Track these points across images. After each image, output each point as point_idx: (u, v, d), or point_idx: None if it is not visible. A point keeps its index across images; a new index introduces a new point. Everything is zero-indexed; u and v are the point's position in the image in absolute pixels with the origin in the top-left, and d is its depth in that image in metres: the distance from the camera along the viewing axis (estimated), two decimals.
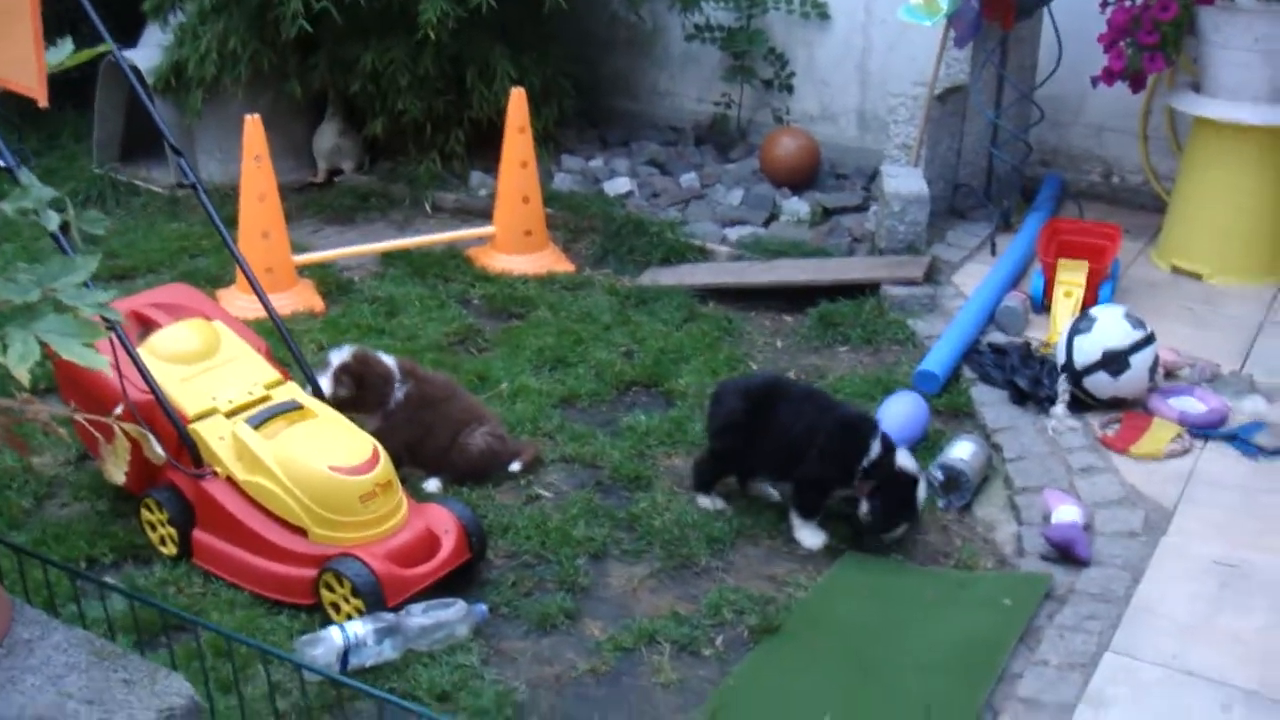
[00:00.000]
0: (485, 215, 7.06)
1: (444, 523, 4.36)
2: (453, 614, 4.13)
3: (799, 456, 4.63)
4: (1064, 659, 4.08)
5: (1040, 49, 7.25)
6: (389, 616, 4.05)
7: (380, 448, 4.38)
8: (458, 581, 4.32)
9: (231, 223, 6.17)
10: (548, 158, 7.81)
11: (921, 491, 4.62)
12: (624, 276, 6.69)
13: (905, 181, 6.67)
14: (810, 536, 4.66)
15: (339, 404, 4.70)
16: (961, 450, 4.97)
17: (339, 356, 4.87)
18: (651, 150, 8.12)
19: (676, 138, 8.42)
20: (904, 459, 4.63)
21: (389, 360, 4.97)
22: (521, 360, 5.76)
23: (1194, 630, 4.24)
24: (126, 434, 3.18)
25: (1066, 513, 4.67)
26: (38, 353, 2.87)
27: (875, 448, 4.57)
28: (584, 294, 6.46)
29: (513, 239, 6.76)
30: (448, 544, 4.31)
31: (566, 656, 4.10)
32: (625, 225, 7.00)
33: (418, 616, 4.09)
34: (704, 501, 4.80)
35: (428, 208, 7.56)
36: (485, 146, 7.49)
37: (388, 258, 6.79)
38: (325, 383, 4.79)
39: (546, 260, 6.77)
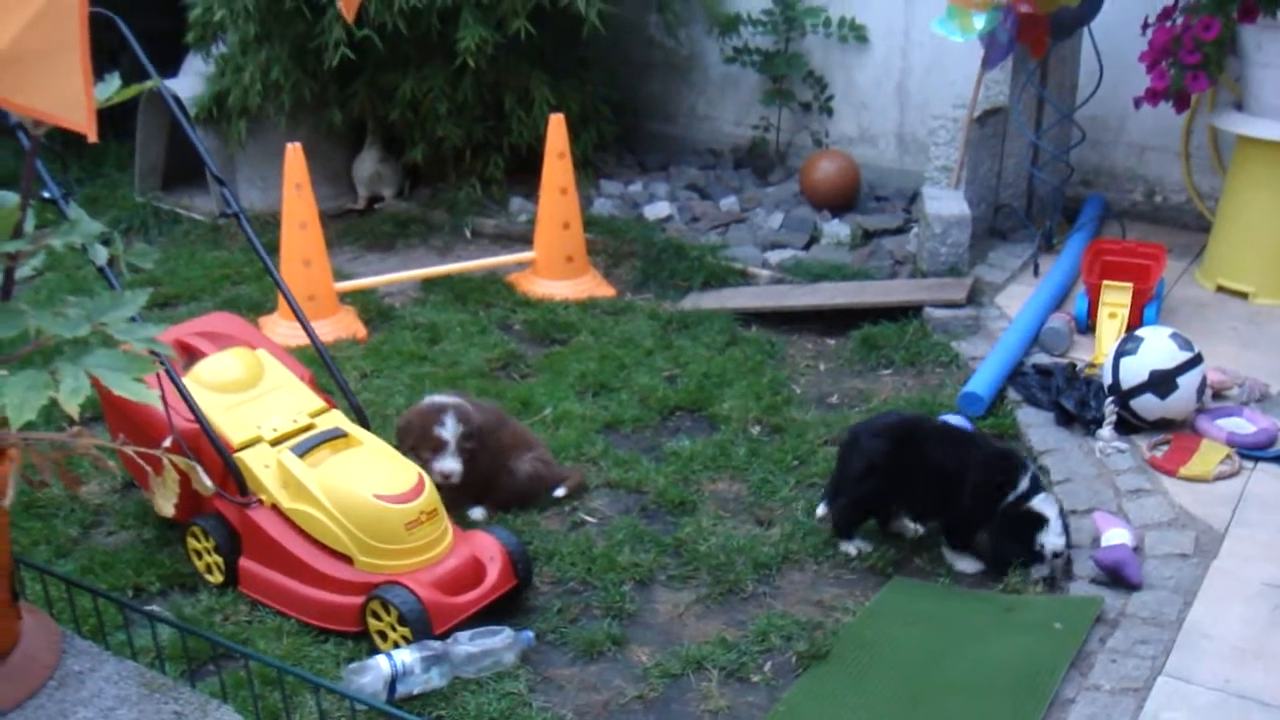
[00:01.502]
0: (525, 241, 7.08)
1: (490, 550, 4.36)
2: (499, 641, 4.12)
3: (948, 494, 4.64)
4: (1116, 684, 4.04)
5: (1080, 69, 7.23)
6: (436, 644, 4.04)
7: (425, 475, 4.38)
8: (504, 609, 4.32)
9: (273, 250, 6.23)
10: (587, 183, 7.82)
11: (1051, 536, 4.57)
12: (665, 301, 6.69)
13: (946, 203, 6.65)
14: (969, 564, 4.68)
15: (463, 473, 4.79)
16: None
17: (450, 430, 4.76)
18: (691, 174, 8.13)
19: (715, 161, 8.42)
20: (1042, 501, 4.61)
21: (470, 407, 4.89)
22: (564, 386, 5.76)
23: (1247, 653, 4.19)
24: (175, 466, 3.19)
25: (1116, 535, 4.63)
26: (88, 388, 2.88)
27: (1023, 483, 4.61)
28: (625, 319, 6.45)
29: (553, 264, 6.77)
30: (493, 571, 4.31)
31: (614, 683, 4.08)
32: (665, 249, 7.00)
33: (464, 644, 4.08)
34: (848, 547, 4.74)
35: (468, 233, 7.58)
36: (524, 172, 7.51)
37: (428, 284, 6.81)
38: (449, 463, 4.76)
39: (587, 285, 6.78)
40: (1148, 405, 5.34)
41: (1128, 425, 5.38)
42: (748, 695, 4.03)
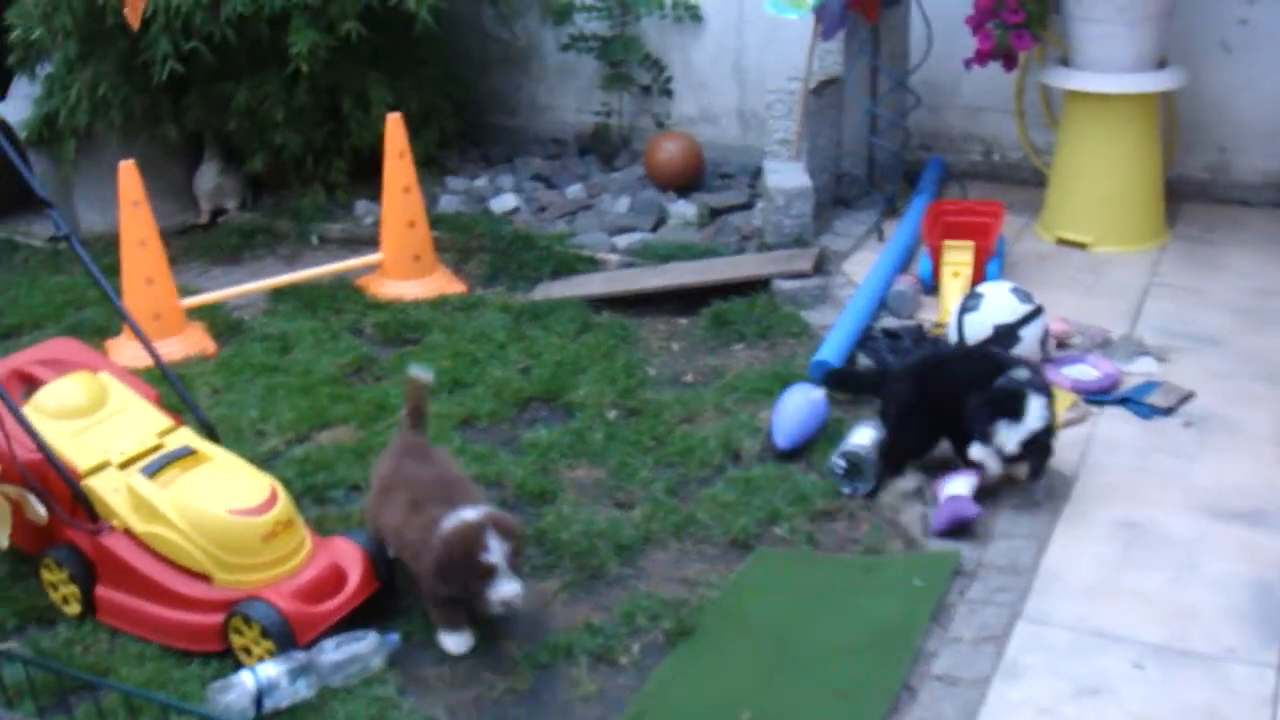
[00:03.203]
0: (373, 243, 7.01)
1: (350, 555, 4.32)
2: (365, 646, 4.08)
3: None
4: (977, 633, 4.12)
5: (911, 35, 7.33)
6: (301, 655, 4.00)
7: (279, 486, 4.34)
8: (369, 613, 4.27)
9: (115, 271, 6.10)
10: (432, 180, 7.78)
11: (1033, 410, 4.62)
12: (516, 293, 6.67)
13: (787, 176, 6.72)
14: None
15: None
16: (862, 437, 4.98)
17: (497, 550, 4.02)
18: (535, 165, 8.12)
19: (560, 150, 8.43)
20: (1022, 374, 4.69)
21: (500, 514, 4.19)
22: None
23: (1102, 592, 4.30)
24: (6, 496, 3.13)
25: (954, 486, 4.71)
26: None
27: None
28: (477, 314, 6.43)
29: (401, 265, 6.72)
30: (355, 576, 4.27)
31: (484, 677, 4.07)
32: (514, 242, 6.99)
33: (330, 652, 4.04)
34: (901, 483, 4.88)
35: (314, 240, 7.50)
36: (368, 175, 7.44)
37: (277, 294, 6.72)
38: (509, 587, 4.03)
39: (437, 283, 6.74)
40: None
41: None
42: (617, 678, 4.05)
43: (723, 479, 5.00)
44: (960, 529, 4.58)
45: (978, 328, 5.44)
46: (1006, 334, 5.42)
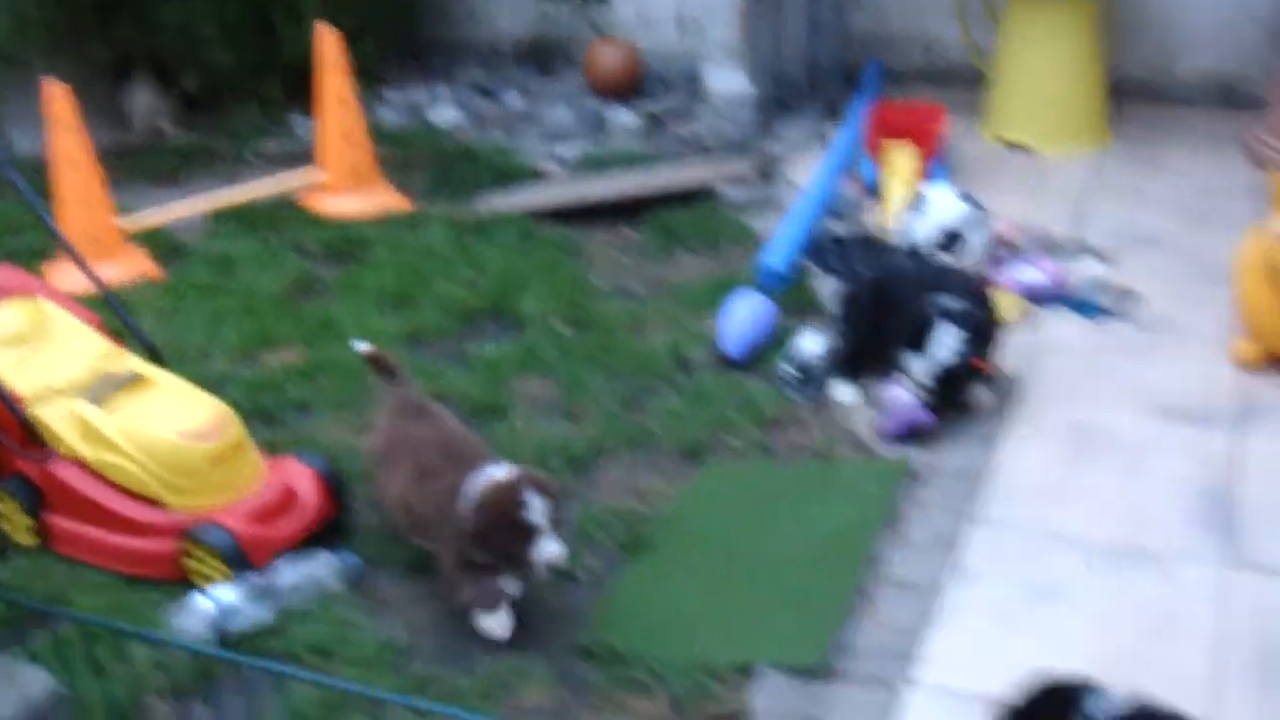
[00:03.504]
0: (313, 160, 6.92)
1: (303, 477, 4.30)
2: (322, 567, 4.08)
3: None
4: (929, 537, 4.17)
5: None
6: (257, 578, 3.99)
7: (227, 408, 4.30)
8: (326, 535, 4.26)
9: (50, 194, 6.01)
10: (369, 94, 7.65)
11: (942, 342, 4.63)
12: (459, 207, 6.62)
13: (728, 81, 6.68)
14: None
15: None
16: (811, 343, 5.00)
17: (539, 510, 3.70)
18: (474, 76, 8.05)
19: (498, 61, 8.33)
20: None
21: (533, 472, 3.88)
22: (364, 303, 5.69)
23: (1052, 494, 4.35)
24: None
25: (895, 397, 4.74)
26: None
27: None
28: (421, 229, 6.38)
29: (342, 180, 6.64)
30: (310, 498, 4.26)
31: (443, 595, 4.07)
32: (455, 155, 6.94)
33: (287, 575, 4.02)
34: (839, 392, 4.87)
35: (252, 159, 7.39)
36: (305, 91, 7.30)
37: (219, 214, 6.63)
38: (553, 546, 3.71)
39: (379, 199, 6.67)
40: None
41: None
42: (575, 591, 4.06)
43: (673, 389, 5.01)
44: (912, 435, 4.61)
45: (924, 231, 5.45)
46: (953, 237, 5.42)
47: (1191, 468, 4.45)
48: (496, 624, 3.83)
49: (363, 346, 4.38)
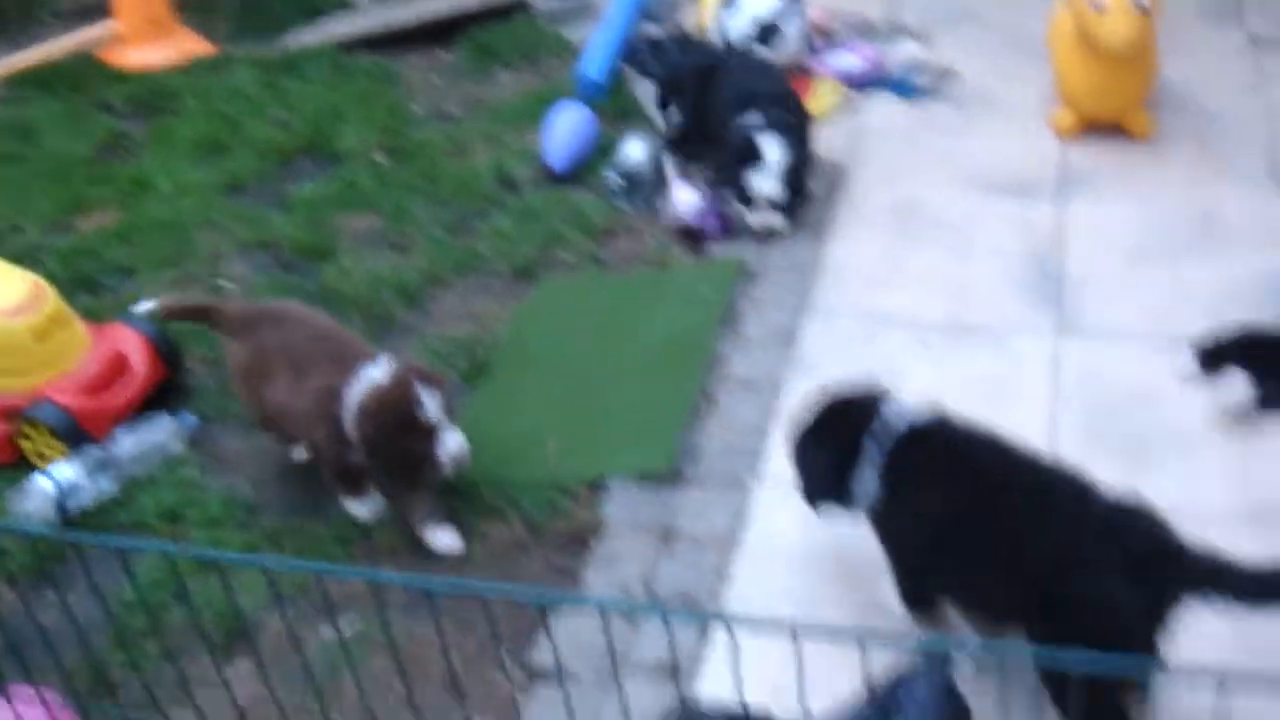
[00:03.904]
0: (108, 12, 6.59)
1: (132, 343, 4.19)
2: (161, 432, 4.02)
3: None
4: (767, 333, 4.20)
5: None
6: (96, 451, 3.92)
7: (42, 281, 4.15)
8: (162, 398, 4.18)
9: None
10: None
11: (761, 178, 4.56)
12: (267, 46, 6.38)
13: None
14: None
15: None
16: (635, 149, 4.96)
17: (434, 406, 3.50)
18: None
19: None
20: (769, 139, 4.59)
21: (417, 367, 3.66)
22: (177, 156, 5.49)
23: (884, 278, 4.40)
24: None
25: (686, 198, 4.74)
26: None
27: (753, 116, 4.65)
28: (228, 73, 6.13)
29: (140, 31, 6.35)
30: (140, 364, 4.16)
31: (286, 446, 4.03)
32: None
33: (126, 444, 3.96)
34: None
35: (46, 18, 7.01)
36: None
37: (13, 79, 6.29)
38: (456, 440, 3.52)
39: (181, 46, 6.39)
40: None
41: None
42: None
43: (501, 210, 4.95)
44: (692, 237, 4.65)
45: (739, 26, 5.38)
46: (768, 30, 5.36)
47: (1017, 240, 4.52)
48: (366, 509, 3.72)
49: (147, 306, 4.02)
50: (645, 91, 5.49)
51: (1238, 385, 3.71)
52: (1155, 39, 4.89)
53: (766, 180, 4.53)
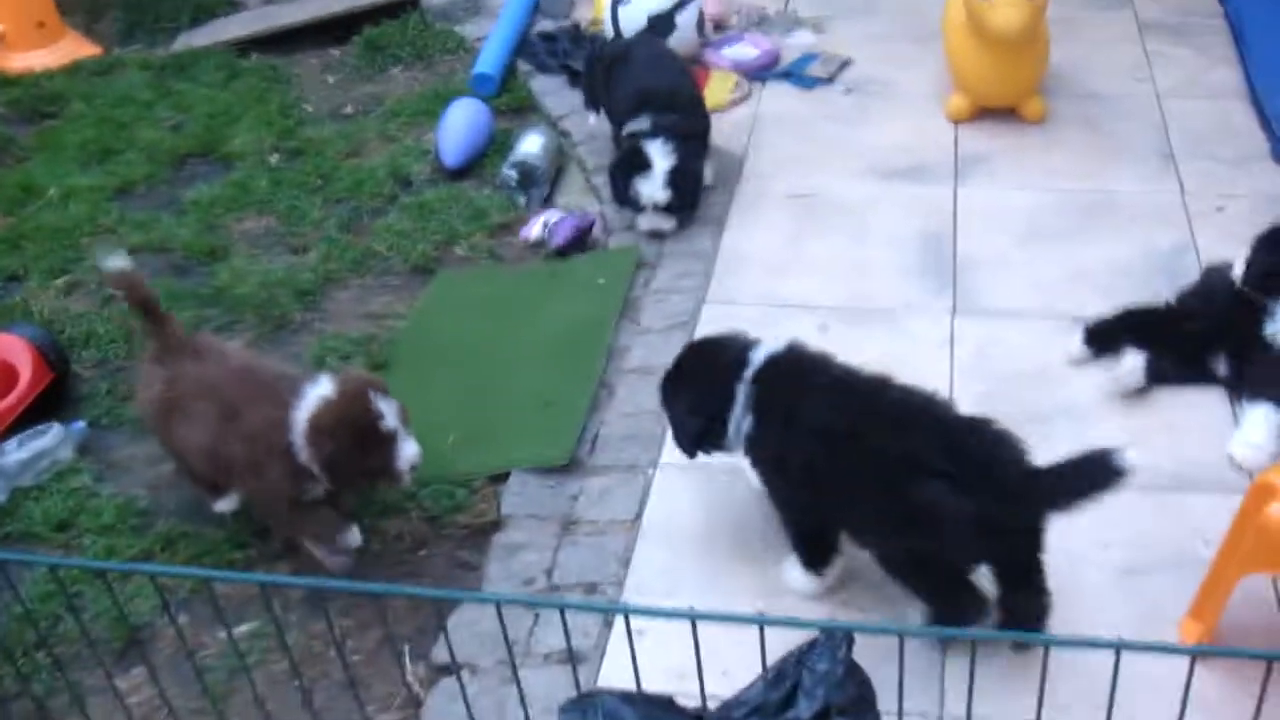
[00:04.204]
0: None
1: (16, 350, 4.09)
2: (50, 440, 3.92)
3: None
4: (666, 322, 4.18)
5: None
6: None
7: None
8: (50, 405, 4.08)
9: None
10: None
11: (649, 185, 4.52)
12: (156, 48, 6.29)
13: None
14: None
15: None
16: (531, 144, 4.93)
17: (392, 413, 3.32)
18: None
19: None
20: (658, 148, 4.53)
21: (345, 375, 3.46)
22: (65, 160, 5.38)
23: (782, 265, 4.40)
24: None
25: (538, 228, 4.70)
26: None
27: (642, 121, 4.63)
28: (117, 76, 6.04)
29: (25, 34, 6.23)
30: (25, 371, 4.06)
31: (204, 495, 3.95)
32: None
33: (13, 453, 3.86)
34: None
35: None
36: None
37: None
38: (412, 446, 3.34)
39: (68, 49, 6.28)
40: None
41: None
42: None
43: (396, 207, 4.90)
44: (580, 240, 4.62)
45: (632, 20, 5.36)
46: (661, 22, 5.35)
47: (912, 222, 4.55)
48: (352, 538, 3.50)
49: (118, 261, 3.60)
50: (540, 86, 5.47)
51: (1128, 361, 3.74)
52: (1046, 25, 4.93)
53: (653, 187, 4.50)
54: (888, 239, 4.48)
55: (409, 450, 3.31)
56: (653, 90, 4.68)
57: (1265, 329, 3.67)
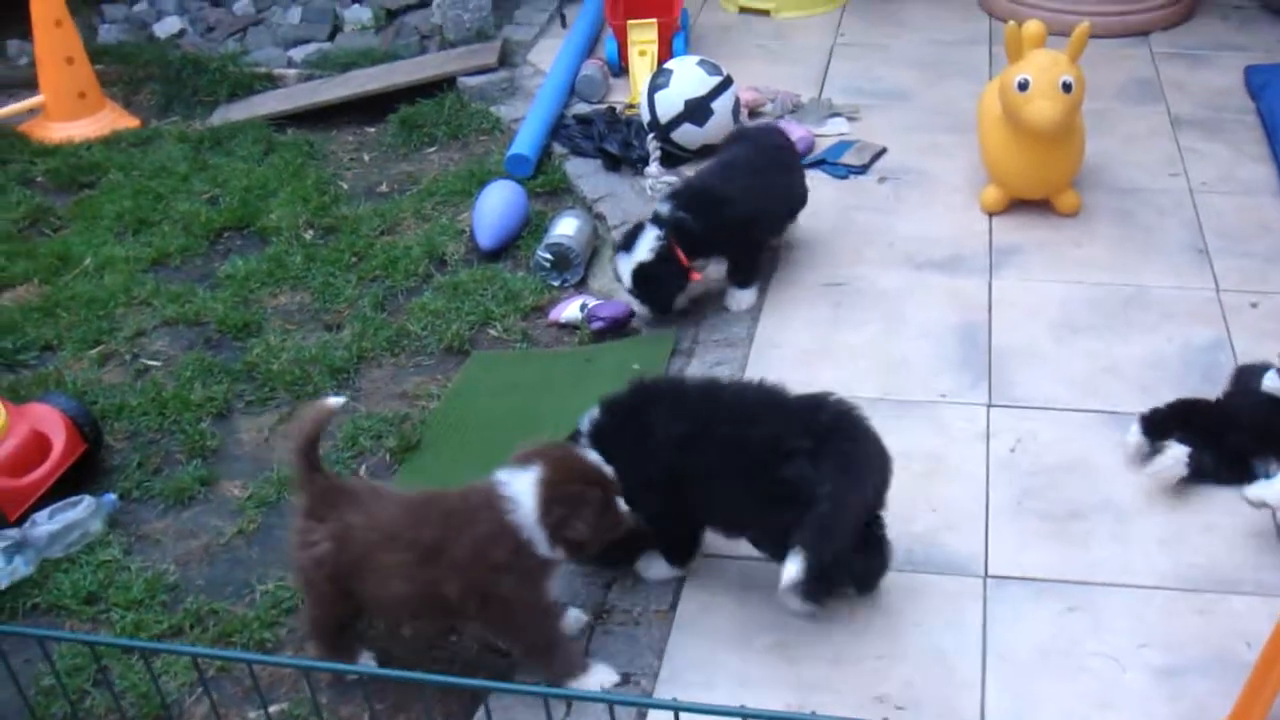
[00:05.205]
0: (32, 86, 6.55)
1: (50, 420, 4.09)
2: (81, 511, 3.91)
3: None
4: None
5: None
6: (12, 532, 3.81)
7: None
8: (81, 476, 4.08)
9: None
10: (88, 10, 7.28)
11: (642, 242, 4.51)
12: (193, 121, 6.36)
13: None
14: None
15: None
16: (565, 227, 4.94)
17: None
18: None
19: None
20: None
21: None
22: (101, 230, 5.42)
23: (817, 353, 4.39)
24: None
25: (571, 310, 4.71)
26: None
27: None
28: (155, 148, 6.09)
29: (65, 104, 6.30)
30: (59, 442, 4.05)
31: (212, 524, 3.94)
32: (184, 67, 6.63)
33: (44, 524, 3.85)
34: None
35: None
36: (15, 12, 6.91)
37: None
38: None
39: (107, 120, 6.35)
40: (688, 135, 5.43)
41: (673, 158, 5.47)
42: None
43: (430, 287, 4.91)
44: (616, 327, 4.62)
45: (669, 104, 5.40)
46: (698, 108, 5.39)
47: (948, 314, 4.54)
48: (576, 620, 3.41)
49: (336, 400, 3.33)
50: (575, 169, 5.50)
51: (1171, 453, 3.71)
52: (1081, 119, 4.96)
53: (623, 270, 4.51)
54: (922, 330, 4.47)
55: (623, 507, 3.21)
56: (692, 183, 4.71)
57: None
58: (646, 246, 4.47)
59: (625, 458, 3.27)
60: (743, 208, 4.54)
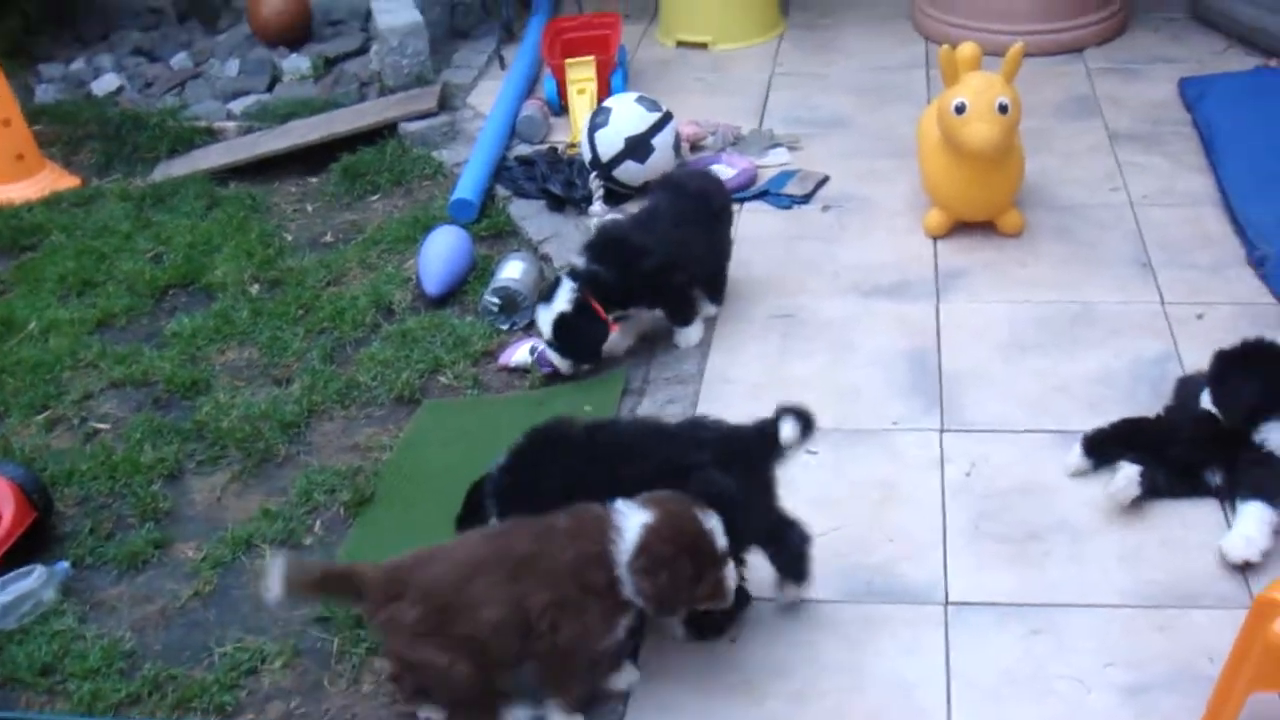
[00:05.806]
0: None
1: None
2: (33, 581, 3.85)
3: None
4: None
5: None
6: None
7: None
8: (31, 545, 4.02)
9: None
10: (23, 70, 7.24)
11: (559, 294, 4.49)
12: (135, 178, 6.30)
13: (398, 14, 6.52)
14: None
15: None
16: (512, 270, 4.93)
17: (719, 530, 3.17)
18: (135, 39, 7.64)
19: (158, 20, 7.93)
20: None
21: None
22: (45, 293, 5.36)
23: (767, 387, 4.38)
24: None
25: (521, 354, 4.70)
26: None
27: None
28: (96, 207, 6.04)
29: (4, 167, 6.23)
30: (8, 511, 4.00)
31: (167, 588, 3.90)
32: (123, 124, 6.59)
33: None
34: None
35: None
36: None
37: None
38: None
39: (47, 181, 6.29)
40: (630, 172, 5.44)
41: (616, 196, 5.48)
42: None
43: (379, 336, 4.89)
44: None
45: (610, 142, 5.41)
46: (638, 145, 5.40)
47: (896, 340, 4.56)
48: (626, 678, 3.37)
49: (276, 569, 3.22)
50: (519, 210, 5.50)
51: (1123, 474, 3.72)
52: (1020, 139, 4.99)
53: (543, 323, 4.49)
54: (872, 357, 4.49)
55: (732, 568, 3.16)
56: (608, 232, 4.69)
57: (1254, 438, 3.69)
58: (564, 299, 4.45)
59: (525, 506, 3.31)
60: (659, 258, 4.51)
